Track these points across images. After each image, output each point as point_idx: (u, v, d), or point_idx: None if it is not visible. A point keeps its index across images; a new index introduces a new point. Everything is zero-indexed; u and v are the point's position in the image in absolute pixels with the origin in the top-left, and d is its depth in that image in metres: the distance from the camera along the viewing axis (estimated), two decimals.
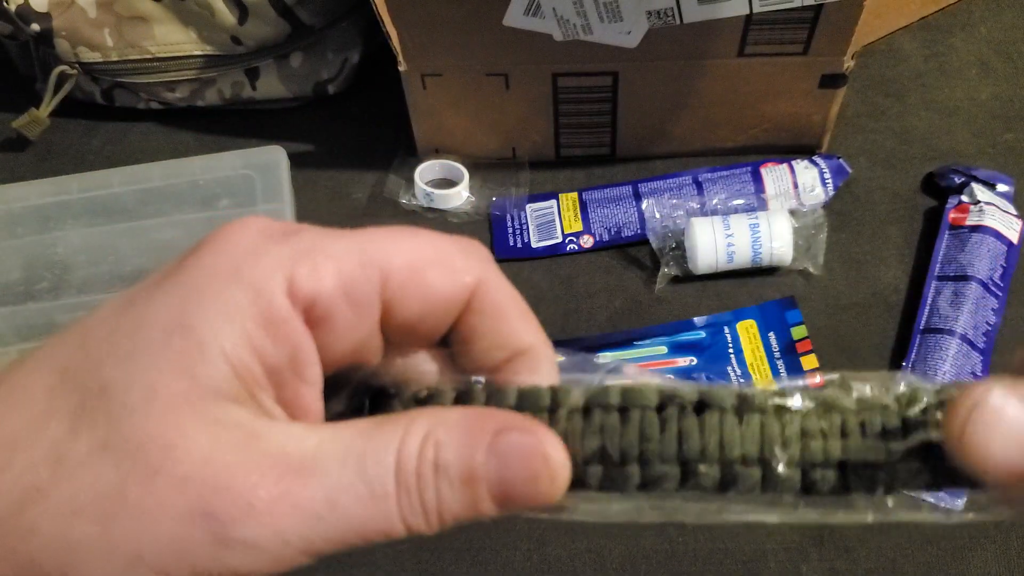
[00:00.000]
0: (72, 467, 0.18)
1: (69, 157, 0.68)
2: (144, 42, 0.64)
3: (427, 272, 0.21)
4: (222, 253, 0.20)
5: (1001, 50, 0.70)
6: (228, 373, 0.19)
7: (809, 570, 0.45)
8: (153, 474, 0.18)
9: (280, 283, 0.19)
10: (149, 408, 0.18)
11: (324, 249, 0.20)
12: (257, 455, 0.18)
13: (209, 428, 0.18)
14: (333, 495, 0.18)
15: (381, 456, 0.19)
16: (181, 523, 0.18)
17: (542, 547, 0.46)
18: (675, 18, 0.52)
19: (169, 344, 0.19)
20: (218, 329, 0.19)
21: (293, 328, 0.19)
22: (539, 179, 0.63)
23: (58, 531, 0.18)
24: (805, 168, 0.60)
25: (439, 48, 0.56)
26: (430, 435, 0.19)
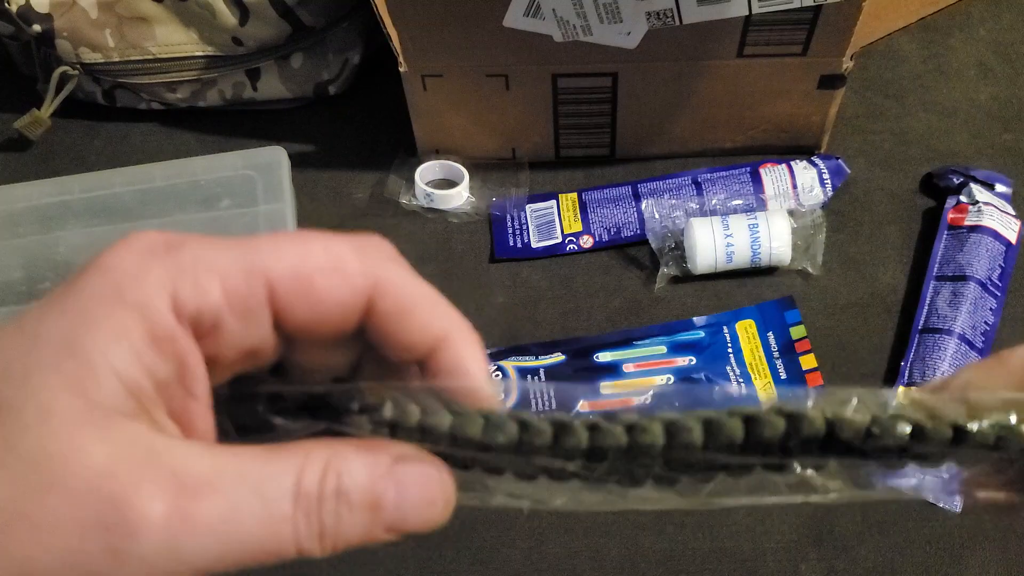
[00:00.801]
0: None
1: (71, 157, 0.68)
2: (145, 43, 0.64)
3: (314, 278, 0.21)
4: (107, 274, 0.20)
5: (1000, 51, 0.70)
6: (120, 390, 0.19)
7: (808, 569, 0.45)
8: (48, 487, 0.18)
9: (164, 300, 0.20)
10: (45, 425, 0.18)
11: (207, 262, 0.20)
12: (154, 471, 0.18)
13: (105, 443, 0.18)
14: (229, 514, 0.19)
15: (280, 480, 0.19)
16: (76, 536, 0.18)
17: (541, 545, 0.47)
18: (674, 19, 0.52)
19: (60, 365, 0.19)
20: (106, 349, 0.19)
21: (179, 344, 0.20)
22: (539, 179, 0.63)
23: None
24: (804, 169, 0.60)
25: (439, 49, 0.56)
26: (331, 463, 0.20)
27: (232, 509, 0.19)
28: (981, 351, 0.51)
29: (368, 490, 0.20)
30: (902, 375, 0.51)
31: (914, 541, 0.46)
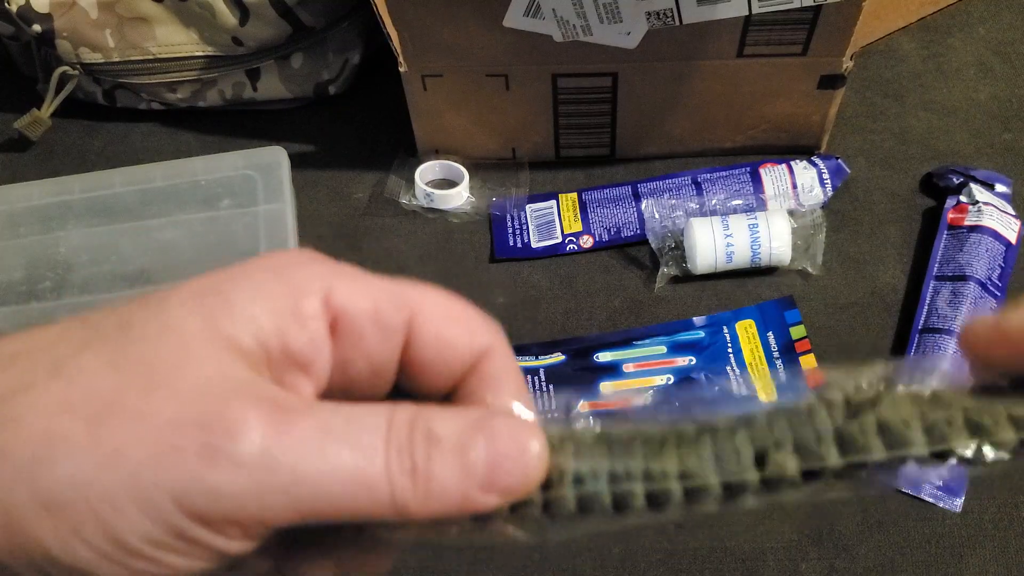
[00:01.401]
0: (72, 373, 0.18)
1: (71, 157, 0.68)
2: (145, 43, 0.64)
3: (450, 325, 0.22)
4: (267, 259, 0.21)
5: (999, 51, 0.70)
6: (250, 335, 0.20)
7: (808, 568, 0.45)
8: (155, 387, 0.18)
9: (317, 288, 0.21)
10: (164, 337, 0.19)
11: (364, 277, 0.22)
12: (257, 395, 0.19)
13: (216, 364, 0.19)
14: (322, 437, 0.19)
15: (371, 419, 0.19)
16: (173, 431, 0.18)
17: (541, 545, 0.47)
18: (674, 19, 0.53)
19: (199, 300, 0.20)
20: (251, 300, 0.20)
21: (317, 328, 0.21)
22: (539, 179, 0.63)
23: (41, 423, 0.18)
24: (804, 168, 0.60)
25: (439, 49, 0.56)
26: (420, 412, 0.20)
27: (325, 432, 0.19)
28: None
29: (458, 434, 0.20)
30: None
31: (914, 540, 0.46)
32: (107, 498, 0.18)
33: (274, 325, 0.20)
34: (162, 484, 0.18)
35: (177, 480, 0.18)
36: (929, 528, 0.46)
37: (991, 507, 0.46)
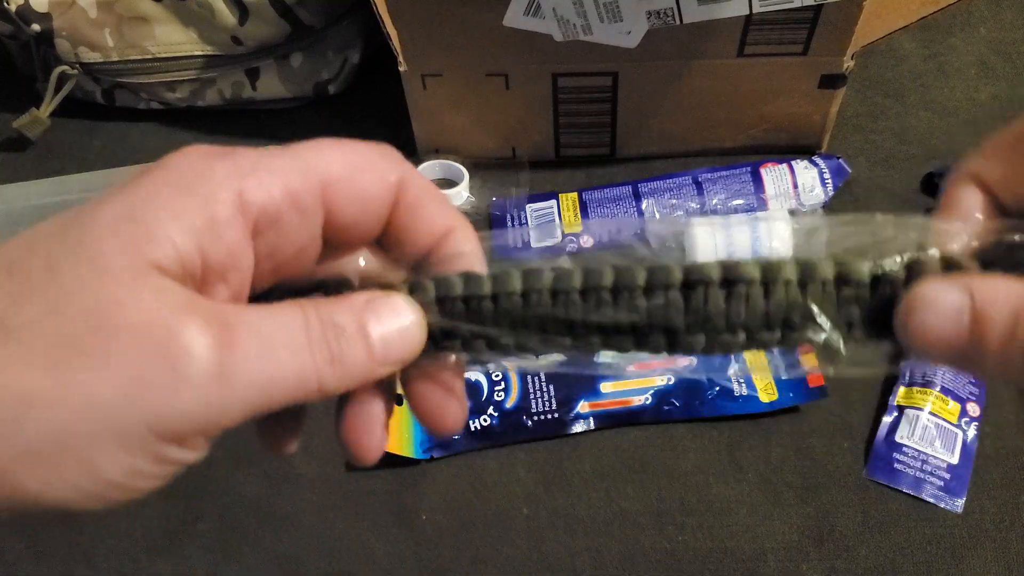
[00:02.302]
0: (20, 330, 0.19)
1: (70, 157, 0.68)
2: (145, 42, 0.64)
3: (360, 177, 0.23)
4: (172, 170, 0.21)
5: (1000, 50, 0.70)
6: (172, 256, 0.20)
7: (809, 569, 0.45)
8: (105, 328, 0.19)
9: (228, 193, 0.21)
10: (98, 276, 0.20)
11: (268, 165, 0.22)
12: (199, 315, 0.20)
13: (155, 293, 0.20)
14: (263, 346, 0.21)
15: (291, 321, 0.22)
16: (137, 362, 0.19)
17: (542, 545, 0.47)
18: (675, 18, 0.52)
19: (118, 230, 0.20)
20: (168, 222, 0.20)
21: (234, 234, 0.22)
22: (539, 179, 0.63)
23: (6, 385, 0.19)
24: (805, 168, 0.60)
25: (439, 48, 0.56)
26: (319, 307, 0.22)
27: (264, 342, 0.21)
28: None
29: (355, 320, 0.22)
30: (903, 375, 0.51)
31: (915, 541, 0.46)
32: (88, 442, 0.19)
33: (193, 243, 0.21)
34: (137, 418, 0.19)
35: (149, 411, 0.19)
36: (930, 529, 0.46)
37: (992, 508, 0.46)
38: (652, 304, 0.23)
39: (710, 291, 0.23)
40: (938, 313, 0.21)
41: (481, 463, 0.50)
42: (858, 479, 0.48)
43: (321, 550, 0.47)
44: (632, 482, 0.48)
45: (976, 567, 0.45)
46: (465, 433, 0.50)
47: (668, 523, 0.47)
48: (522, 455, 0.50)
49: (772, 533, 0.46)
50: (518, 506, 0.48)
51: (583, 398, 0.51)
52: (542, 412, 0.50)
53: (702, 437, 0.50)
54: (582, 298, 0.24)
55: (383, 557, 0.47)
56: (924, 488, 0.47)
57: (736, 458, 0.49)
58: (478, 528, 0.47)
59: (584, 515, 0.47)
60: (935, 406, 0.49)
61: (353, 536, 0.48)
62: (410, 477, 0.49)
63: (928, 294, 0.21)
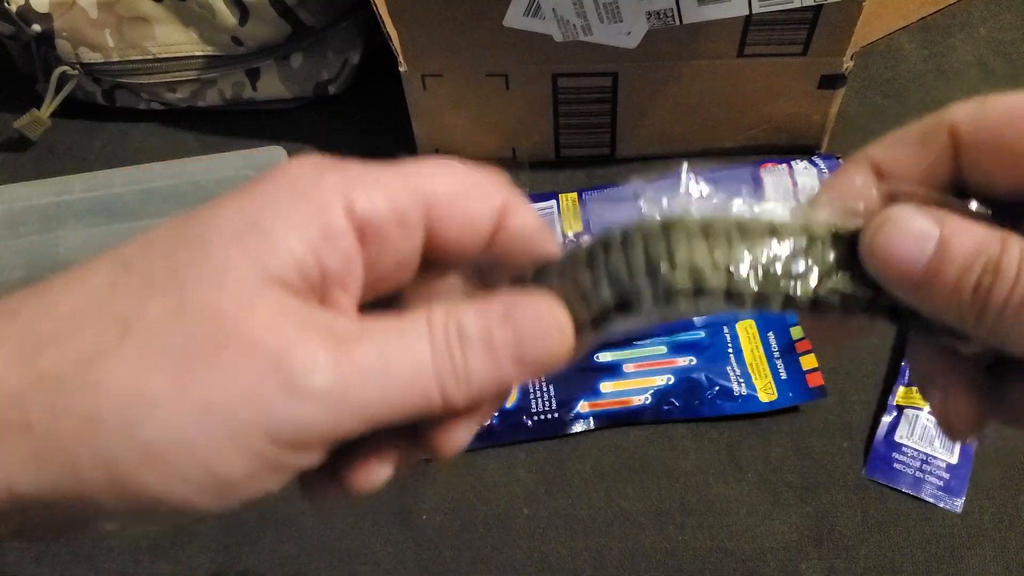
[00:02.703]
0: (141, 331, 0.20)
1: (70, 157, 0.68)
2: (145, 43, 0.64)
3: (465, 198, 0.24)
4: (286, 176, 0.22)
5: (1000, 50, 0.70)
6: (293, 269, 0.21)
7: (808, 569, 0.45)
8: (226, 336, 0.20)
9: (339, 204, 0.22)
10: (220, 285, 0.20)
11: (376, 179, 0.22)
12: (315, 329, 0.21)
13: (274, 306, 0.20)
14: (381, 359, 0.21)
15: (414, 329, 0.22)
16: (254, 375, 0.20)
17: (542, 545, 0.47)
18: (675, 19, 0.52)
19: (241, 239, 0.21)
20: (288, 232, 0.21)
21: (348, 244, 0.22)
22: (539, 179, 0.63)
23: (125, 385, 0.19)
24: (804, 168, 0.60)
25: (439, 48, 0.56)
26: (450, 315, 0.22)
27: (382, 354, 0.21)
28: None
29: (483, 327, 0.22)
30: (903, 375, 0.51)
31: (914, 541, 0.46)
32: (207, 444, 0.20)
33: (312, 253, 0.21)
34: (255, 424, 0.20)
35: (267, 419, 0.20)
36: (929, 528, 0.46)
37: (991, 507, 0.46)
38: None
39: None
40: (904, 234, 0.22)
41: (481, 463, 0.50)
42: (857, 479, 0.48)
43: (322, 551, 0.47)
44: (632, 482, 0.49)
45: (975, 567, 0.45)
46: None
47: (668, 523, 0.47)
48: (522, 455, 0.50)
49: (772, 533, 0.46)
50: (518, 506, 0.48)
51: (583, 398, 0.51)
52: (542, 412, 0.50)
53: (702, 437, 0.50)
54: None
55: (384, 558, 0.47)
56: (923, 488, 0.47)
57: (736, 458, 0.49)
58: (479, 528, 0.47)
59: (584, 515, 0.48)
60: None
61: (354, 537, 0.48)
62: (410, 477, 0.49)
63: (899, 214, 0.22)
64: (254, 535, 0.48)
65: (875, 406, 0.51)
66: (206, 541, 0.48)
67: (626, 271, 0.23)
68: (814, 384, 0.50)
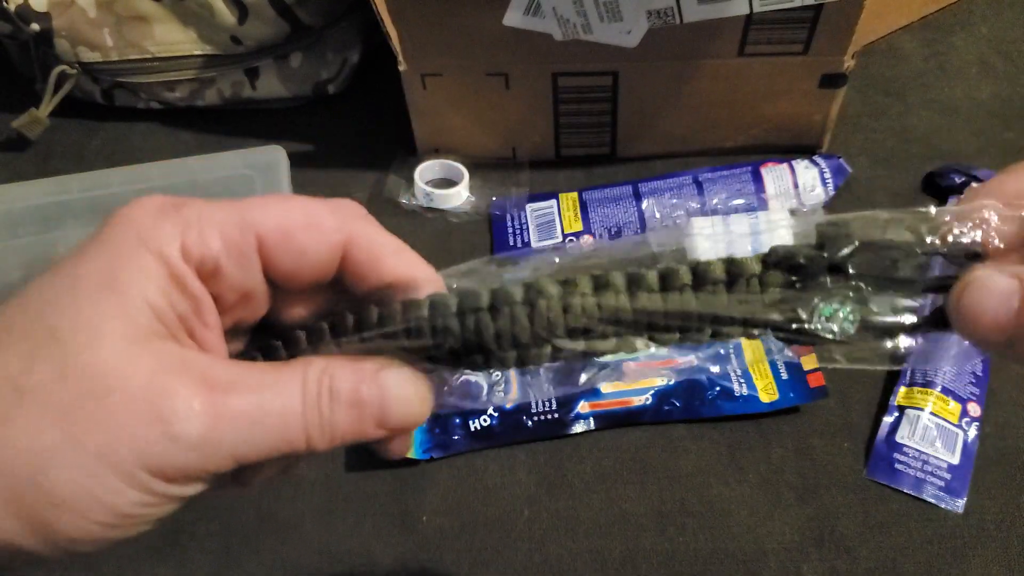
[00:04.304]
0: (34, 393, 0.22)
1: (69, 157, 0.68)
2: (144, 42, 0.64)
3: (296, 234, 0.25)
4: (128, 226, 0.24)
5: (1001, 49, 0.70)
6: (153, 318, 0.23)
7: (809, 569, 0.45)
8: (109, 391, 0.22)
9: (176, 248, 0.24)
10: (98, 344, 0.22)
11: (209, 218, 0.24)
12: (192, 377, 0.23)
13: (148, 356, 0.23)
14: (254, 408, 0.23)
15: (289, 382, 0.24)
16: (136, 426, 0.22)
17: (543, 547, 0.46)
18: (675, 18, 0.52)
19: (103, 297, 0.23)
20: (139, 286, 0.23)
21: (191, 283, 0.24)
22: (539, 179, 0.63)
23: (26, 444, 0.22)
24: (805, 168, 0.60)
25: (439, 48, 0.56)
26: (325, 370, 0.24)
27: (255, 404, 0.23)
28: None
29: (352, 390, 0.24)
30: (904, 375, 0.51)
31: (915, 541, 0.46)
32: (102, 485, 0.22)
33: (164, 299, 0.23)
34: (140, 466, 0.22)
35: (151, 461, 0.22)
36: (931, 529, 0.46)
37: (993, 508, 0.46)
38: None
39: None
40: (991, 294, 0.23)
41: (481, 464, 0.50)
42: (859, 479, 0.48)
43: (322, 553, 0.47)
44: (633, 483, 0.48)
45: (977, 567, 0.45)
46: (465, 433, 0.50)
47: (669, 524, 0.47)
48: (522, 456, 0.50)
49: (773, 534, 0.46)
50: (519, 508, 0.48)
51: (583, 398, 0.51)
52: (542, 412, 0.50)
53: (702, 438, 0.50)
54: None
55: (384, 560, 0.47)
56: (925, 488, 0.47)
57: (736, 459, 0.49)
58: (479, 530, 0.47)
59: (585, 516, 0.47)
60: (936, 406, 0.49)
61: (354, 539, 0.47)
62: (410, 478, 0.49)
63: (982, 277, 0.23)
64: (254, 538, 0.48)
65: (876, 406, 0.51)
66: (206, 544, 0.48)
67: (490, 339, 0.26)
68: (815, 384, 0.50)
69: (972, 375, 0.50)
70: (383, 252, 0.26)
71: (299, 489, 0.49)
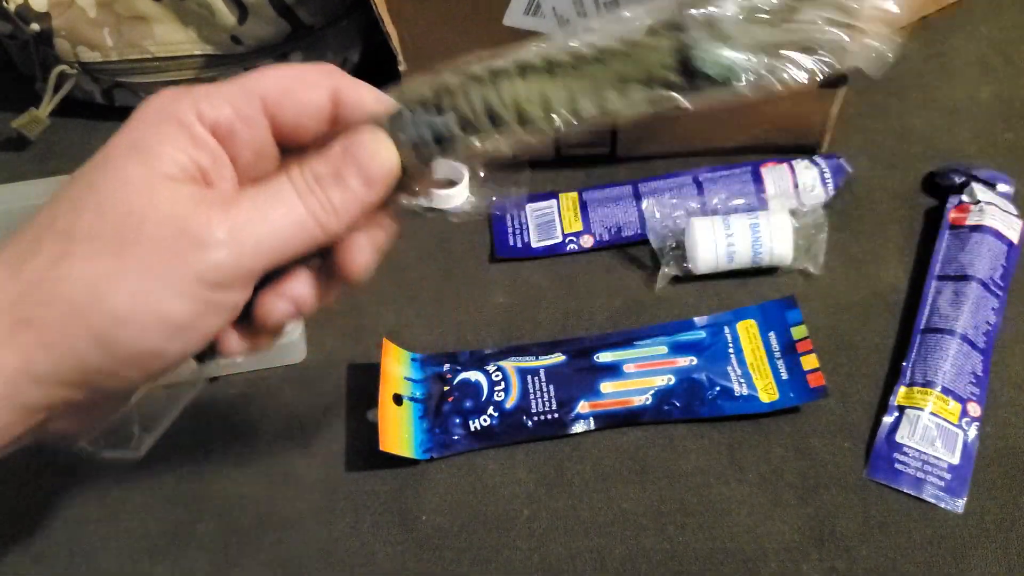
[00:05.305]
0: (82, 233, 0.27)
1: (69, 157, 0.68)
2: (144, 42, 0.64)
3: (293, 90, 0.30)
4: (149, 108, 0.29)
5: (1001, 50, 0.70)
6: (176, 168, 0.28)
7: (810, 569, 0.45)
8: (140, 222, 0.27)
9: (192, 115, 0.29)
10: (126, 187, 0.28)
11: (217, 91, 0.30)
12: (205, 201, 0.28)
13: (168, 192, 0.28)
14: (261, 207, 0.28)
15: (279, 184, 0.29)
16: (171, 241, 0.27)
17: (542, 546, 0.46)
18: None
19: (130, 155, 0.28)
20: (164, 144, 0.28)
21: (208, 141, 0.29)
22: (539, 179, 0.63)
23: (83, 275, 0.27)
24: (805, 168, 0.60)
25: (439, 48, 0.56)
26: (304, 166, 0.29)
27: (261, 205, 0.29)
28: (983, 351, 0.51)
29: (331, 166, 0.29)
30: (904, 375, 0.51)
31: (916, 541, 0.46)
32: (155, 299, 0.27)
33: (185, 155, 0.28)
34: (182, 275, 0.27)
35: (190, 269, 0.27)
36: (931, 529, 0.46)
37: (993, 508, 0.46)
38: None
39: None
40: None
41: (481, 464, 0.50)
42: (859, 479, 0.48)
43: (321, 552, 0.47)
44: (633, 483, 0.48)
45: (977, 568, 0.45)
46: (465, 433, 0.50)
47: (669, 524, 0.47)
48: (522, 455, 0.50)
49: (773, 533, 0.46)
50: (519, 507, 0.48)
51: (583, 398, 0.51)
52: (542, 412, 0.50)
53: (703, 437, 0.50)
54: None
55: (383, 559, 0.47)
56: (925, 488, 0.47)
57: (736, 458, 0.49)
58: (478, 530, 0.47)
59: (585, 516, 0.47)
60: (936, 406, 0.49)
61: (353, 538, 0.47)
62: (410, 478, 0.49)
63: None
64: (253, 537, 0.48)
65: (876, 406, 0.51)
66: (205, 542, 0.48)
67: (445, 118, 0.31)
68: (815, 384, 0.50)
69: (972, 375, 0.50)
70: (365, 94, 0.31)
71: (298, 488, 0.49)
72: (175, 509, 0.49)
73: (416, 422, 0.50)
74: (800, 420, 0.50)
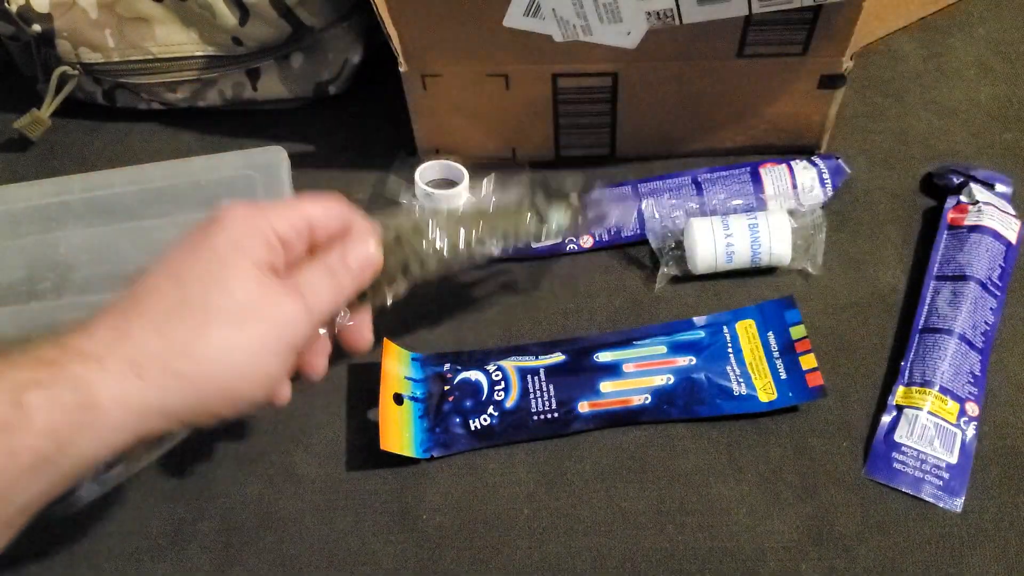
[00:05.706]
0: (215, 312, 0.36)
1: (71, 157, 0.68)
2: (145, 43, 0.64)
3: (328, 220, 0.42)
4: (237, 219, 0.39)
5: (1000, 51, 0.70)
6: (265, 263, 0.39)
7: (808, 568, 0.45)
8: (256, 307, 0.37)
9: (270, 229, 0.39)
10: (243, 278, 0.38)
11: (284, 212, 0.40)
12: (283, 286, 0.39)
13: (269, 285, 0.38)
14: (315, 291, 0.40)
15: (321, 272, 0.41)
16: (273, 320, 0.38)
17: (542, 545, 0.47)
18: (675, 19, 0.52)
19: (238, 254, 0.38)
20: (256, 247, 0.38)
21: (279, 249, 0.40)
22: None
23: (220, 340, 0.36)
24: (804, 168, 0.60)
25: (439, 49, 0.56)
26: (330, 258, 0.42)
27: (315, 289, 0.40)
28: (981, 351, 0.51)
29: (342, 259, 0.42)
30: (902, 375, 0.51)
31: (914, 540, 0.46)
32: (270, 363, 0.38)
33: (268, 255, 0.39)
34: (287, 344, 0.38)
35: (291, 340, 0.39)
36: (929, 528, 0.46)
37: (991, 507, 0.46)
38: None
39: None
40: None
41: (481, 463, 0.50)
42: (857, 479, 0.48)
43: (322, 551, 0.47)
44: (632, 482, 0.49)
45: (976, 567, 0.45)
46: (465, 432, 0.50)
47: (668, 523, 0.47)
48: (522, 455, 0.50)
49: (772, 533, 0.46)
50: (518, 506, 0.48)
51: (583, 398, 0.51)
52: (542, 412, 0.50)
53: (702, 437, 0.50)
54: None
55: (384, 558, 0.47)
56: (923, 488, 0.47)
57: (735, 458, 0.49)
58: (479, 529, 0.47)
59: (584, 515, 0.48)
60: (934, 406, 0.49)
61: (354, 537, 0.48)
62: (411, 477, 0.49)
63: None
64: (254, 536, 0.48)
65: (875, 406, 0.51)
66: (206, 541, 0.48)
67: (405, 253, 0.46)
68: (814, 384, 0.50)
69: (970, 374, 0.50)
70: (361, 225, 0.44)
71: (299, 487, 0.50)
72: (176, 508, 0.49)
73: (416, 421, 0.51)
74: (799, 420, 0.50)
